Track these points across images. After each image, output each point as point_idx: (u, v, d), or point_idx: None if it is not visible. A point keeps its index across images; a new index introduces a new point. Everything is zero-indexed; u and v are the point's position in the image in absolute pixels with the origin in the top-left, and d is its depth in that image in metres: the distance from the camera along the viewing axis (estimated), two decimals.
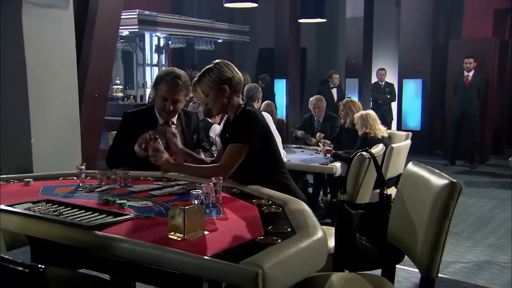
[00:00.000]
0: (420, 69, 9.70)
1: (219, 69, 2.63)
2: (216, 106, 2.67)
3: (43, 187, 2.60)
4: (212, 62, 2.71)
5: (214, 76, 2.62)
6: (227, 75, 2.62)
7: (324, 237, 1.79)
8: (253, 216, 2.08)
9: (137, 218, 2.04)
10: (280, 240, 1.74)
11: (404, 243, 1.96)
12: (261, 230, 1.88)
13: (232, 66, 2.68)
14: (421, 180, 1.90)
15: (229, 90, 2.63)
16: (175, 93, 3.06)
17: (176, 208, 1.83)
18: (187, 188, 2.58)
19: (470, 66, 8.32)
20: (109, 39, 5.41)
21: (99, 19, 5.21)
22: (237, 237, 1.80)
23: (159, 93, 3.09)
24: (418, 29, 9.87)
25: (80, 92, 4.99)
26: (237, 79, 2.66)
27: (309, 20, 8.94)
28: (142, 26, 8.11)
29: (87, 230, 1.88)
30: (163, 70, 3.20)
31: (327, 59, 12.18)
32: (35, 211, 2.09)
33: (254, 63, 12.34)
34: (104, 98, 5.49)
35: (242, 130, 2.58)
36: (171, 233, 1.82)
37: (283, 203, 2.23)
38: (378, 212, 2.35)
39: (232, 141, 2.58)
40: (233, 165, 2.57)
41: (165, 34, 8.85)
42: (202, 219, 1.87)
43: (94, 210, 2.14)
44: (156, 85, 3.13)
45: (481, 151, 8.91)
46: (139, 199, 2.35)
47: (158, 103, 3.12)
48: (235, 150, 2.57)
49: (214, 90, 2.63)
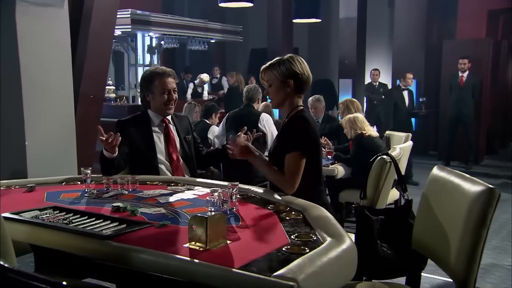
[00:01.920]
0: (414, 69, 9.66)
1: (290, 62, 2.51)
2: (276, 98, 2.57)
3: (47, 193, 2.49)
4: (287, 55, 2.57)
5: (283, 68, 2.50)
6: (296, 70, 2.50)
7: (353, 245, 1.71)
8: (274, 223, 1.99)
9: (152, 226, 1.94)
10: (308, 249, 1.66)
11: (434, 251, 1.89)
12: (286, 238, 1.79)
13: (305, 64, 2.55)
14: (451, 186, 1.83)
15: (293, 86, 2.51)
16: (172, 82, 3.06)
17: (198, 216, 1.73)
18: (198, 193, 2.48)
19: (465, 66, 8.30)
20: (105, 38, 5.27)
21: (95, 18, 5.08)
22: (262, 247, 1.71)
23: (158, 89, 3.02)
24: (411, 29, 9.84)
25: (75, 93, 4.85)
26: (305, 78, 2.53)
27: (304, 20, 8.88)
28: (135, 26, 7.96)
29: (102, 240, 1.78)
30: (147, 71, 3.18)
31: (319, 59, 12.12)
32: (43, 219, 1.99)
33: (246, 63, 12.25)
34: (99, 99, 5.35)
35: (299, 138, 2.44)
36: (191, 243, 1.72)
37: (302, 209, 2.15)
38: (400, 218, 2.27)
39: (289, 150, 2.43)
40: (297, 176, 2.41)
41: (158, 34, 8.71)
42: (224, 228, 1.77)
43: (105, 217, 2.04)
44: (149, 84, 3.05)
45: (476, 152, 8.91)
46: (150, 206, 2.25)
47: (159, 99, 3.03)
48: (295, 160, 2.41)
49: (279, 82, 2.52)
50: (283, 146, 2.47)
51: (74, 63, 4.89)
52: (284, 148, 2.45)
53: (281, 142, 2.51)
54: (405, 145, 4.73)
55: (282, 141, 2.52)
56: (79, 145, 4.84)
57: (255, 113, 4.86)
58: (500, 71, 9.80)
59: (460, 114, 8.42)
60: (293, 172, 2.40)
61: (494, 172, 8.28)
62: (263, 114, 4.87)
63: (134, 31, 8.26)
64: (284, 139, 2.50)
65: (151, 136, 3.04)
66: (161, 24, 8.45)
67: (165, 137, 3.08)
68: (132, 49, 8.92)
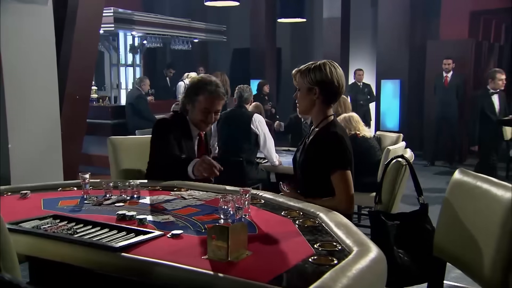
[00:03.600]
0: (398, 69, 9.68)
1: (320, 69, 2.37)
2: (301, 104, 2.47)
3: (43, 200, 2.34)
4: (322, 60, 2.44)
5: (312, 74, 2.38)
6: (324, 78, 2.36)
7: (381, 254, 1.63)
8: (292, 231, 1.90)
9: (164, 236, 1.82)
10: (336, 260, 1.57)
11: (461, 259, 1.81)
12: (309, 248, 1.69)
13: (338, 72, 2.40)
14: (479, 191, 1.75)
15: (319, 94, 2.38)
16: (218, 104, 2.86)
17: (218, 226, 1.63)
18: (205, 199, 2.37)
19: (449, 67, 8.34)
20: (91, 36, 5.11)
21: (80, 16, 4.91)
22: (287, 258, 1.61)
23: (200, 105, 2.83)
24: (395, 30, 9.85)
25: (60, 93, 4.68)
26: (334, 88, 2.38)
27: (289, 20, 8.84)
28: (118, 25, 7.76)
29: (114, 252, 1.65)
30: (199, 79, 2.92)
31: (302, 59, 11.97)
32: (46, 229, 1.85)
33: (228, 63, 12.14)
34: (85, 100, 5.18)
35: (339, 156, 2.33)
36: (211, 254, 1.61)
37: (316, 215, 2.06)
38: (416, 223, 2.20)
39: (332, 169, 2.32)
40: (350, 193, 2.30)
41: (141, 33, 8.53)
42: (245, 238, 1.67)
43: (111, 227, 1.91)
44: (194, 96, 2.85)
45: (460, 151, 8.97)
46: (157, 213, 2.13)
47: (198, 115, 2.85)
48: (343, 178, 2.30)
49: (306, 87, 2.41)
50: (318, 161, 2.35)
51: (59, 62, 4.73)
52: (319, 164, 2.35)
53: (315, 157, 2.38)
54: (398, 146, 4.68)
55: (316, 156, 2.37)
56: (65, 147, 4.68)
57: (247, 114, 4.75)
58: (481, 71, 9.89)
59: (444, 114, 8.46)
60: (345, 190, 2.30)
61: None
62: (255, 115, 4.76)
63: (116, 30, 8.07)
64: (320, 155, 2.35)
65: (193, 144, 2.93)
66: (144, 23, 8.28)
67: (198, 147, 2.97)
68: (113, 48, 8.73)
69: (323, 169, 2.33)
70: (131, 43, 8.83)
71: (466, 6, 9.34)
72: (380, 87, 9.87)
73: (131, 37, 8.81)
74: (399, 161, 2.35)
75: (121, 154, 3.10)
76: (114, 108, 7.55)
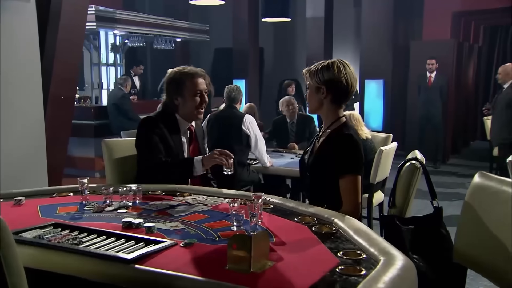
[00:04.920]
0: (382, 69, 9.69)
1: (328, 68, 2.30)
2: (310, 103, 2.41)
3: (39, 206, 2.21)
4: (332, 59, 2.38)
5: (320, 73, 2.30)
6: (332, 77, 2.29)
7: (410, 262, 1.56)
8: (310, 238, 1.81)
9: (176, 245, 1.72)
10: (364, 270, 1.49)
11: (484, 265, 1.76)
12: (332, 257, 1.61)
13: (348, 71, 2.32)
14: (504, 196, 1.70)
15: (326, 93, 2.31)
16: (204, 83, 2.81)
17: (239, 235, 1.54)
18: (211, 205, 2.27)
19: (433, 67, 8.38)
20: (76, 34, 4.93)
21: (64, 13, 4.73)
22: (312, 268, 1.53)
23: (190, 91, 2.76)
24: (378, 30, 9.85)
25: (44, 94, 4.51)
26: (343, 87, 2.30)
27: (273, 19, 8.77)
28: (100, 23, 7.54)
29: (127, 264, 1.55)
30: (173, 71, 2.84)
31: (284, 59, 12.02)
32: (49, 239, 1.73)
33: (210, 62, 12.01)
34: (71, 100, 5.00)
35: (351, 160, 2.26)
36: (231, 265, 1.52)
37: (331, 220, 1.98)
38: (430, 227, 2.14)
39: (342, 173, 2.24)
40: (358, 198, 2.25)
41: (123, 32, 8.33)
42: (267, 247, 1.58)
43: (118, 236, 1.80)
44: (179, 86, 2.77)
45: (443, 151, 9.02)
46: (164, 220, 2.02)
47: (191, 103, 2.77)
48: (353, 183, 2.24)
49: (314, 86, 2.34)
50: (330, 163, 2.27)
51: (42, 61, 4.55)
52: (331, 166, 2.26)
53: (327, 159, 2.29)
54: (390, 147, 4.65)
55: (328, 158, 2.29)
56: (50, 150, 4.50)
57: (238, 115, 4.65)
58: (462, 72, 9.99)
59: (428, 114, 8.49)
60: (353, 196, 2.23)
61: (462, 171, 8.40)
62: (246, 115, 4.67)
63: (98, 29, 7.86)
64: (332, 157, 2.27)
65: (181, 142, 2.82)
66: (127, 21, 8.09)
67: (188, 144, 2.87)
68: (94, 47, 8.52)
69: (334, 172, 2.25)
70: (113, 42, 8.63)
71: (448, 6, 9.41)
72: (364, 87, 9.86)
73: (113, 36, 8.61)
74: (413, 163, 2.29)
75: (116, 157, 2.97)
76: (97, 108, 7.36)
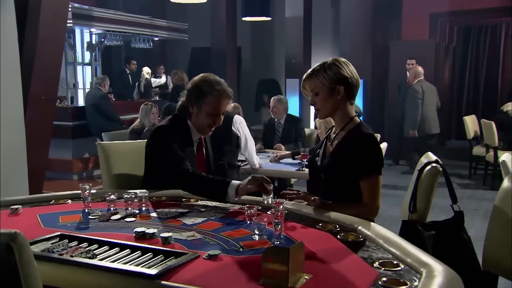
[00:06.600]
0: (361, 69, 9.62)
1: (337, 66, 2.22)
2: (324, 108, 2.26)
3: (39, 216, 2.05)
4: (330, 58, 2.28)
5: (330, 72, 2.20)
6: (345, 74, 2.21)
7: (453, 272, 1.48)
8: (339, 247, 1.71)
9: (200, 258, 1.60)
10: (408, 282, 1.40)
11: None
12: (369, 268, 1.52)
13: (352, 66, 2.28)
14: None
15: (343, 92, 2.22)
16: (227, 105, 2.64)
17: (275, 247, 1.43)
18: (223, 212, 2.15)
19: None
20: (57, 32, 4.71)
21: (44, 9, 4.52)
22: (352, 281, 1.43)
23: (209, 107, 2.56)
24: (357, 30, 9.85)
25: (24, 94, 4.30)
26: (354, 82, 2.26)
27: (254, 18, 8.67)
28: (77, 21, 7.28)
29: (152, 280, 1.42)
30: (203, 79, 2.61)
31: (262, 59, 11.91)
32: (60, 253, 1.58)
33: (187, 62, 11.82)
34: (52, 101, 4.78)
35: (373, 160, 2.18)
36: (266, 280, 1.41)
37: (354, 227, 1.89)
38: (452, 233, 2.07)
39: (364, 173, 2.16)
40: (379, 199, 2.17)
41: (100, 30, 8.09)
42: (303, 259, 1.48)
43: (133, 248, 1.67)
44: (201, 97, 2.56)
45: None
46: (178, 229, 1.89)
47: (205, 119, 2.59)
48: (374, 183, 2.16)
49: (327, 89, 2.21)
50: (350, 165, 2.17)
51: (22, 60, 4.34)
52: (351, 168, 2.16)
53: (347, 160, 2.18)
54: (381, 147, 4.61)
55: (348, 159, 2.17)
56: (30, 153, 4.30)
57: (227, 116, 4.51)
58: (439, 71, 10.09)
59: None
60: (376, 196, 2.15)
61: None
62: (236, 116, 4.55)
63: (73, 27, 7.60)
64: (353, 158, 2.16)
65: (193, 150, 2.69)
66: (104, 19, 7.84)
67: (197, 151, 2.73)
68: (69, 46, 8.24)
69: (354, 173, 2.16)
70: (89, 41, 8.37)
71: (426, 7, 9.50)
72: None
73: (89, 34, 8.35)
74: (434, 166, 2.22)
75: (113, 161, 2.82)
76: (74, 109, 7.11)
